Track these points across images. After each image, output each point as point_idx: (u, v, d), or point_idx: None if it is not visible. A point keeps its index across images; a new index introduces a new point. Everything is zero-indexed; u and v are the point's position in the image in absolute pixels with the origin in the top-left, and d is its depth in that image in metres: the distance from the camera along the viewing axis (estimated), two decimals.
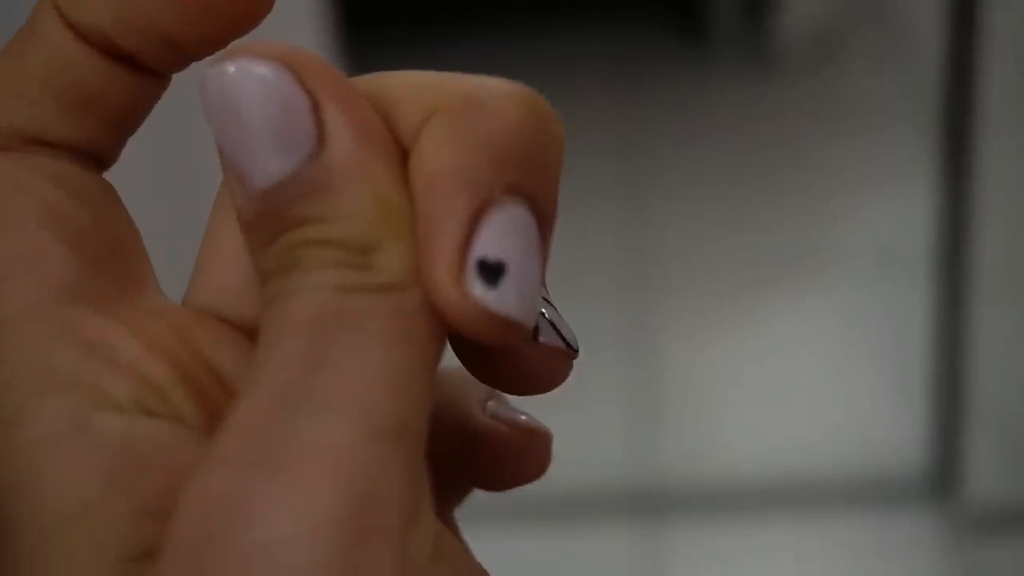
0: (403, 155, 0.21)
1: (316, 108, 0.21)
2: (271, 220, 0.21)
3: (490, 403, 0.26)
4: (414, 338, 0.20)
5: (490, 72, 0.23)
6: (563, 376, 0.23)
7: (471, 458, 0.26)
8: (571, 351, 0.23)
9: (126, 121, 0.23)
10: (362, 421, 0.19)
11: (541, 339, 0.22)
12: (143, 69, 0.23)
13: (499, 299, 0.21)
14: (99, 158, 0.23)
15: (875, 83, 2.11)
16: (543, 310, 0.23)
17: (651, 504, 1.45)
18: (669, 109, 2.12)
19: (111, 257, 0.22)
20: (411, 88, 0.22)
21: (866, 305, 1.68)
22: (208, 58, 0.22)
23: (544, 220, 0.21)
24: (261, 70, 0.21)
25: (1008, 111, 1.22)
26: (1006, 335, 1.32)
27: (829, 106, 2.08)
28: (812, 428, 1.52)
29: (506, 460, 0.26)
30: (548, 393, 0.25)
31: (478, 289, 0.20)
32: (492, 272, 0.21)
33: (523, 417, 0.27)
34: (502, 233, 0.21)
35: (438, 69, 0.23)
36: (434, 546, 0.20)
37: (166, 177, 1.07)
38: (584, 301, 1.64)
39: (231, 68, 0.21)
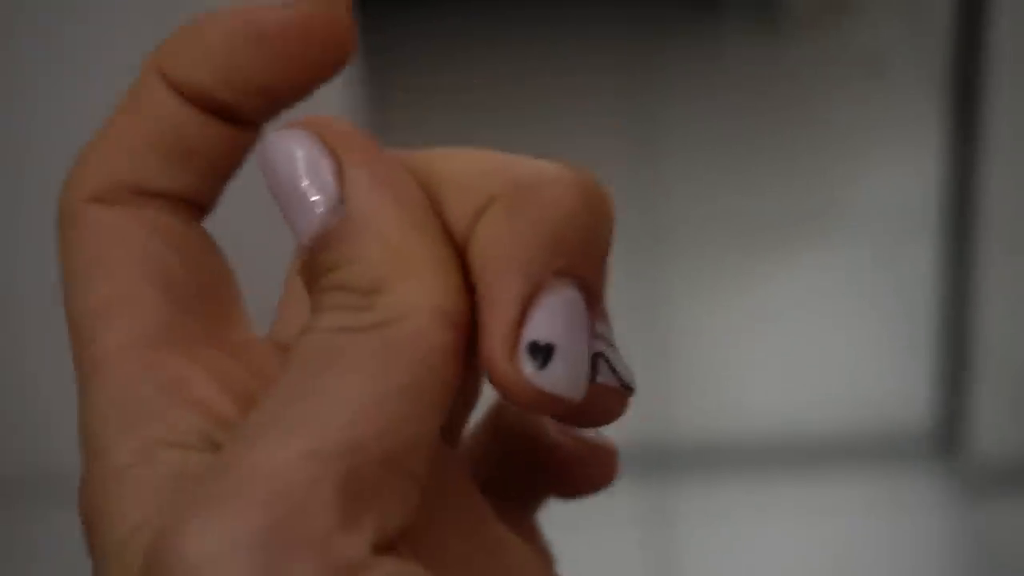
0: (447, 227, 0.24)
1: (339, 169, 0.23)
2: (313, 267, 0.23)
3: None
4: (391, 368, 0.22)
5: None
6: (618, 413, 0.25)
7: (545, 469, 0.29)
8: (626, 390, 0.25)
9: (223, 170, 0.26)
10: (303, 442, 0.21)
11: (598, 379, 0.24)
12: (239, 121, 0.25)
13: (548, 377, 0.23)
14: (199, 205, 0.26)
15: (885, 42, 2.11)
16: (601, 350, 0.24)
17: (659, 462, 1.46)
18: (679, 68, 2.12)
19: (201, 300, 0.25)
20: (467, 174, 0.24)
21: (875, 263, 1.68)
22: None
23: (592, 297, 0.24)
24: (294, 139, 0.23)
25: (1018, 71, 1.22)
26: (1013, 292, 1.32)
27: (839, 65, 2.08)
28: (820, 386, 1.53)
29: (574, 471, 0.29)
30: None
31: (529, 368, 0.23)
32: (542, 352, 0.23)
33: (590, 433, 0.29)
34: (552, 315, 0.23)
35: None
36: (378, 543, 0.21)
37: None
38: None
39: (271, 140, 0.24)
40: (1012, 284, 1.32)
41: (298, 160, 0.23)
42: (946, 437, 1.43)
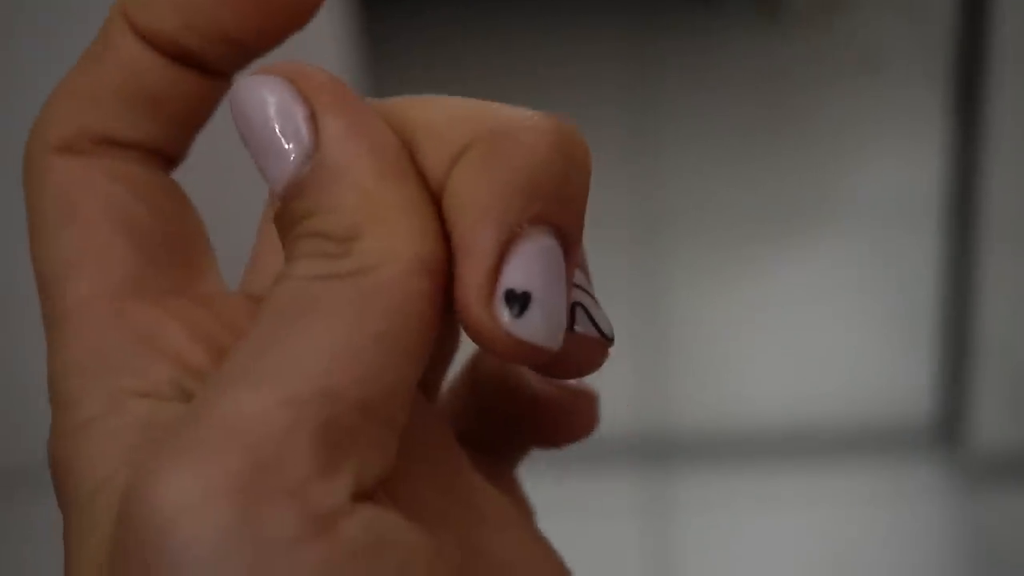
0: (423, 174, 0.23)
1: (313, 116, 0.23)
2: (286, 215, 0.23)
3: None
4: (367, 315, 0.21)
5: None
6: (598, 364, 0.24)
7: (527, 419, 0.28)
8: (606, 340, 0.24)
9: (191, 121, 0.25)
10: (279, 390, 0.21)
11: (577, 329, 0.24)
12: (206, 70, 0.25)
13: (525, 326, 0.22)
14: (168, 156, 0.25)
15: (885, 35, 2.11)
16: (580, 300, 0.24)
17: (659, 452, 1.46)
18: (678, 60, 2.12)
19: (170, 250, 0.25)
20: (443, 121, 0.23)
21: (875, 255, 1.68)
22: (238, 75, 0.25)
23: (569, 246, 0.23)
24: (267, 85, 0.23)
25: (1020, 65, 1.22)
26: (1014, 284, 1.33)
27: (839, 57, 2.08)
28: (821, 377, 1.53)
29: (557, 419, 0.28)
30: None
31: (505, 316, 0.22)
32: (519, 301, 0.22)
33: (571, 380, 0.28)
34: (529, 263, 0.22)
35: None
36: (357, 492, 0.21)
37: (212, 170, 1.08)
38: (595, 250, 1.63)
39: (243, 85, 0.23)
40: (1013, 278, 1.32)
41: (270, 106, 0.23)
42: (946, 429, 1.43)
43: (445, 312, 0.23)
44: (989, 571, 1.34)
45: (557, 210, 0.23)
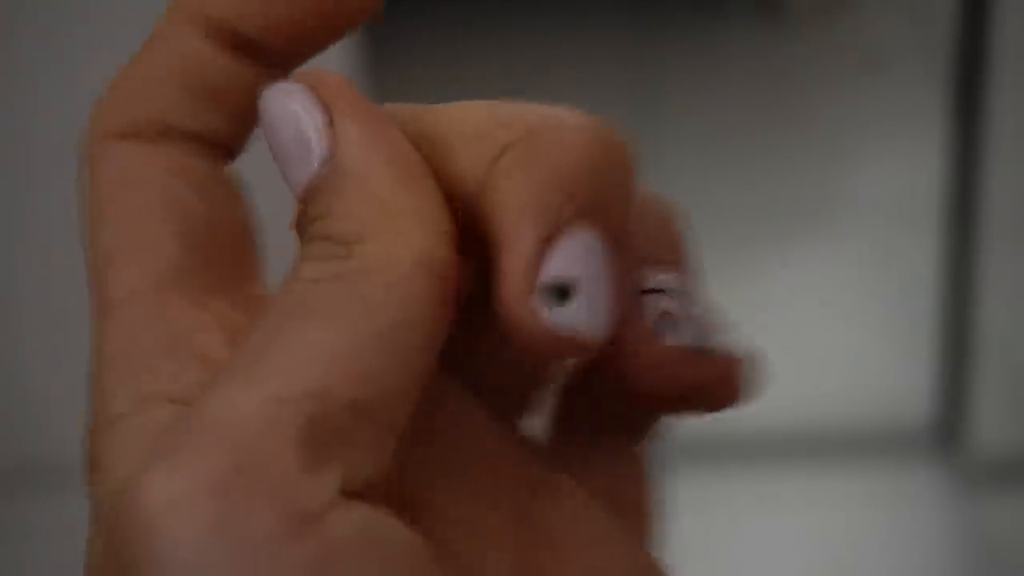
0: (460, 177, 0.23)
1: (332, 122, 0.23)
2: (302, 220, 0.23)
3: None
4: (367, 317, 0.21)
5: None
6: (691, 376, 0.25)
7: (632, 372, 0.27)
8: (699, 352, 0.25)
9: (250, 114, 0.25)
10: (269, 388, 0.21)
11: (667, 341, 0.24)
12: (266, 61, 0.25)
13: (566, 319, 0.22)
14: (227, 148, 0.25)
15: (888, 35, 2.11)
16: (669, 308, 0.24)
17: (659, 453, 1.46)
18: (680, 60, 2.12)
19: (219, 248, 0.25)
20: (481, 122, 0.24)
21: (876, 255, 1.68)
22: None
23: (615, 244, 0.23)
24: (290, 94, 0.23)
25: (1020, 63, 1.22)
26: (1014, 284, 1.33)
27: (840, 58, 2.08)
28: (820, 379, 1.53)
29: (690, 384, 0.27)
30: None
31: (545, 311, 0.22)
32: (559, 294, 0.22)
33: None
34: (569, 258, 0.22)
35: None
36: (344, 490, 0.21)
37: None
38: None
39: (268, 95, 0.24)
40: (1013, 278, 1.32)
41: (291, 113, 0.23)
42: (946, 431, 1.43)
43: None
44: (989, 573, 1.34)
45: (597, 206, 0.23)
